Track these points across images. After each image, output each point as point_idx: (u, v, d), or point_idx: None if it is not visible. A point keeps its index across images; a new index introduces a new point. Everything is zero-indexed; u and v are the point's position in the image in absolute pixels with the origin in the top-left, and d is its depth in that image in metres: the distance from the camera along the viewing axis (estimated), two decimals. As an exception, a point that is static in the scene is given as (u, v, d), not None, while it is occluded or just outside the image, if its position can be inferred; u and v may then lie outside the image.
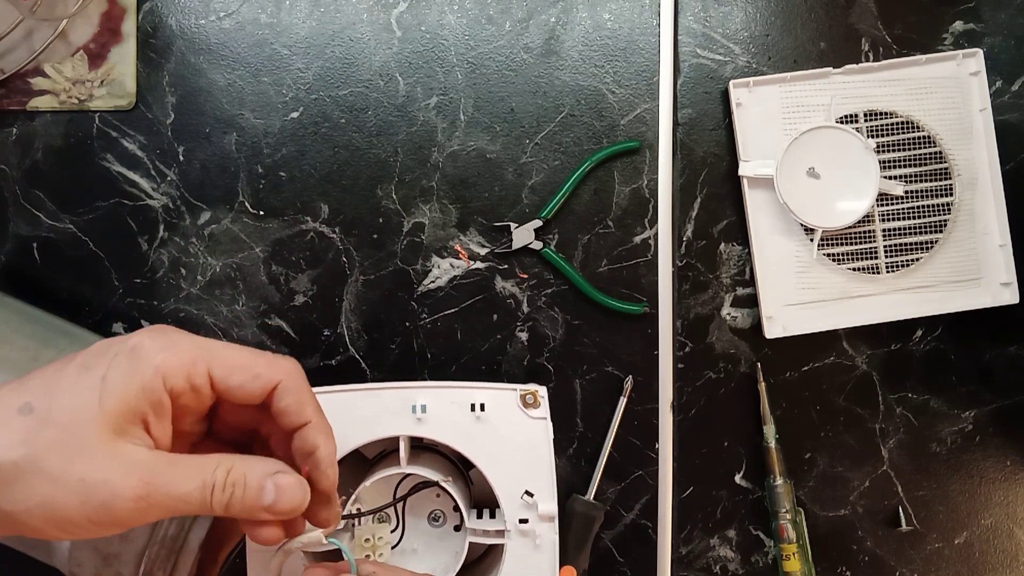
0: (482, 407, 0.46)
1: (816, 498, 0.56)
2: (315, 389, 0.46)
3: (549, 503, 0.46)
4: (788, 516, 0.54)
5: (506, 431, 0.46)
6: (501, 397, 0.47)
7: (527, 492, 0.46)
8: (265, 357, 0.33)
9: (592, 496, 0.54)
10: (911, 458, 0.56)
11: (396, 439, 0.47)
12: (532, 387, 0.47)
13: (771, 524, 0.55)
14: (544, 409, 0.47)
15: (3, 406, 0.29)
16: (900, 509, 0.56)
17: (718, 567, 0.56)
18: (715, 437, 0.56)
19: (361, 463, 0.52)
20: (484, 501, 0.49)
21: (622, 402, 0.55)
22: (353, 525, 0.48)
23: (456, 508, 0.49)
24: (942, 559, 0.56)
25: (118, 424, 0.29)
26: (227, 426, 0.37)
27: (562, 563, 0.53)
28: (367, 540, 0.47)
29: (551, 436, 0.47)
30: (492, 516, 0.48)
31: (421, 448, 0.50)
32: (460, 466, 0.51)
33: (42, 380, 0.30)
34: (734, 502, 0.56)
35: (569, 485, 0.55)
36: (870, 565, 0.56)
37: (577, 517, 0.53)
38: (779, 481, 0.54)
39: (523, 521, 0.46)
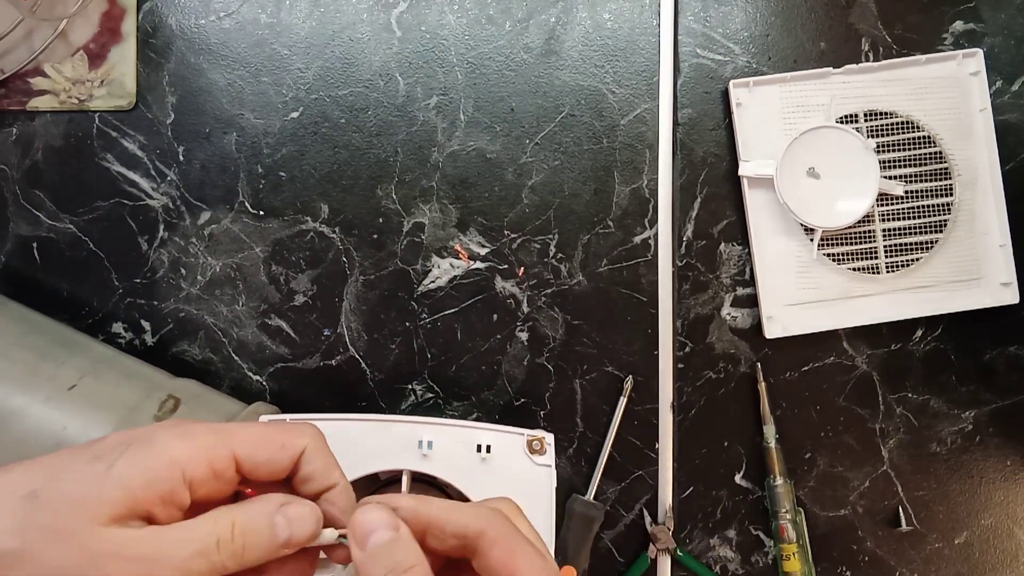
0: (488, 449, 0.46)
1: (816, 498, 0.56)
2: (326, 416, 0.47)
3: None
4: (788, 516, 0.54)
5: (509, 475, 0.46)
6: (508, 440, 0.47)
7: None
8: (285, 427, 0.33)
9: (592, 496, 0.54)
10: (911, 458, 0.56)
11: (400, 472, 0.47)
12: (539, 434, 0.47)
13: (771, 524, 0.55)
14: (550, 457, 0.47)
15: (10, 492, 0.28)
16: (900, 509, 0.56)
17: (718, 567, 0.56)
18: (715, 437, 0.56)
19: (360, 489, 0.52)
20: None
21: (622, 402, 0.55)
22: None
23: None
24: (942, 559, 0.56)
25: (116, 514, 0.28)
26: None
27: (562, 563, 0.53)
28: None
29: (554, 484, 0.46)
30: None
31: (425, 483, 0.50)
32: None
33: (53, 468, 0.29)
34: (734, 502, 0.56)
35: (569, 485, 0.55)
36: (870, 565, 0.56)
37: (577, 517, 0.53)
38: (779, 481, 0.54)
39: None
